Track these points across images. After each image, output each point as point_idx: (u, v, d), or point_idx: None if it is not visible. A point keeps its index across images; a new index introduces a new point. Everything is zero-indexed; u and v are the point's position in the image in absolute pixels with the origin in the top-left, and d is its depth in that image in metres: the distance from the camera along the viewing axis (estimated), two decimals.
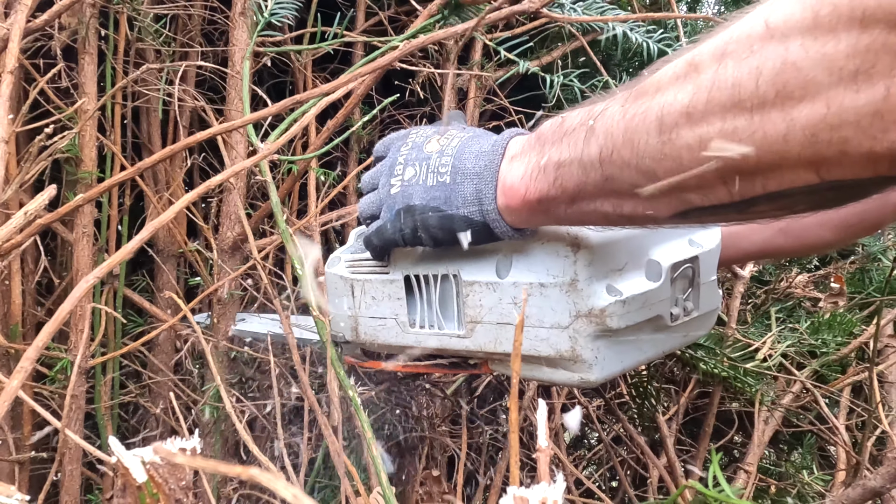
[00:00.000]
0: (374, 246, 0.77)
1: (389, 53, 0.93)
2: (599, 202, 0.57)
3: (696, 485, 0.61)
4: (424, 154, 0.70)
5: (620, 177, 0.54)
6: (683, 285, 0.72)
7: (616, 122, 0.53)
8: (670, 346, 0.75)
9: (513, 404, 0.54)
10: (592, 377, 0.68)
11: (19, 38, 0.92)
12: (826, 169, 0.44)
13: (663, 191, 0.51)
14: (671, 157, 0.49)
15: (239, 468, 0.32)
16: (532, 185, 0.62)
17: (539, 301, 0.68)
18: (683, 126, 0.48)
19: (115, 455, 0.54)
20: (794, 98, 0.42)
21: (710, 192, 0.49)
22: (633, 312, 0.67)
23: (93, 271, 0.54)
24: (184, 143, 0.86)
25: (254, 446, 0.79)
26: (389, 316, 0.82)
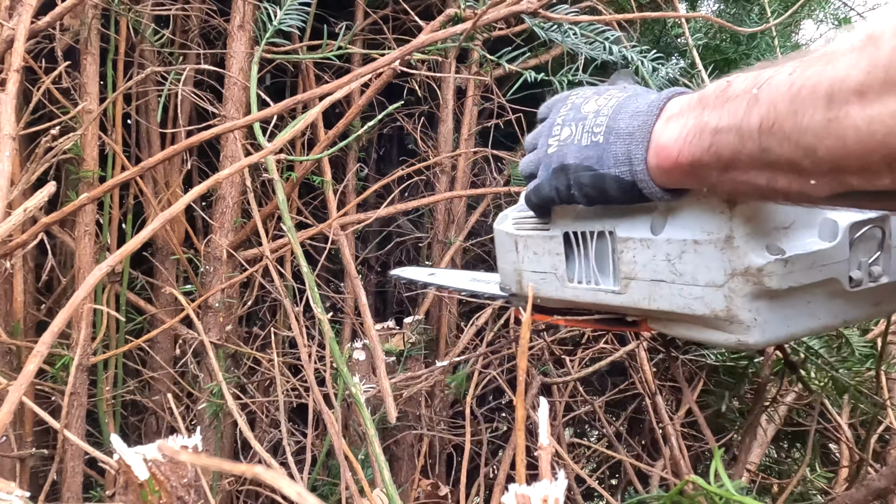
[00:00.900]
0: (532, 203, 0.80)
1: (387, 71, 0.94)
2: (753, 174, 0.55)
3: (698, 479, 0.61)
4: (581, 114, 0.71)
5: (778, 150, 0.52)
6: (870, 247, 0.67)
7: (781, 92, 0.50)
8: (855, 316, 0.70)
9: (519, 402, 0.54)
10: (751, 340, 0.65)
11: (24, 37, 0.92)
12: None
13: (823, 170, 0.49)
14: (835, 136, 0.47)
15: (243, 466, 0.32)
16: (685, 149, 0.60)
17: (693, 258, 0.66)
18: (854, 103, 0.45)
19: (117, 453, 0.54)
20: None
21: (874, 177, 0.47)
22: (799, 273, 0.63)
23: (105, 260, 0.54)
24: (187, 143, 0.86)
25: (256, 443, 0.79)
26: (549, 270, 0.84)
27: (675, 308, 0.70)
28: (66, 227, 1.39)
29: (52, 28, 1.15)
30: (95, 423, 1.36)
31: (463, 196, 1.58)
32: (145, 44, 1.43)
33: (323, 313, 0.89)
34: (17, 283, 1.24)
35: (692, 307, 0.68)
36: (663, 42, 1.68)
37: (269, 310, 1.62)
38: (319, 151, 1.24)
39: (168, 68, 1.40)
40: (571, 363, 1.38)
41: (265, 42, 1.22)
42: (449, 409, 1.45)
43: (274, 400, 1.24)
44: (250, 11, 1.39)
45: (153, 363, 1.48)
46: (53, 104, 1.31)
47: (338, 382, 1.10)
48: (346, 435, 1.29)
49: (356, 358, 1.34)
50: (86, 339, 1.23)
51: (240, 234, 1.37)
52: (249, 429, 0.98)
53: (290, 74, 1.68)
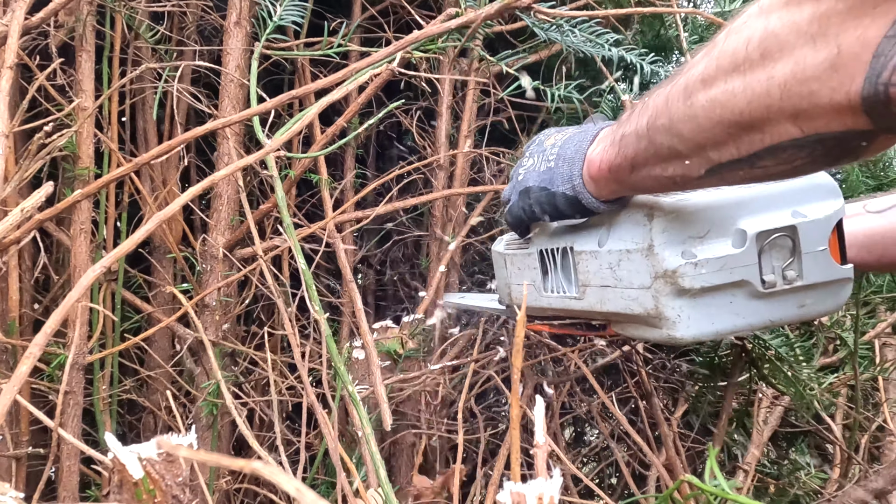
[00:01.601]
0: (508, 222, 0.95)
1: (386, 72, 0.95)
2: (650, 167, 0.67)
3: (693, 479, 0.61)
4: (542, 147, 0.86)
5: (661, 141, 0.64)
6: (782, 254, 0.75)
7: (660, 95, 0.63)
8: (780, 317, 0.77)
9: (514, 400, 0.54)
10: (678, 334, 0.74)
11: (18, 33, 0.92)
12: (804, 121, 0.52)
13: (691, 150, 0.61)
14: (691, 118, 0.59)
15: (242, 462, 0.32)
16: (605, 158, 0.74)
17: (627, 265, 0.77)
18: (700, 90, 0.57)
19: (112, 451, 0.54)
20: (773, 58, 0.51)
21: (723, 148, 0.58)
22: (710, 274, 0.73)
23: (99, 261, 0.54)
24: (182, 139, 0.86)
25: (254, 441, 0.79)
26: (529, 282, 0.99)
27: (619, 309, 0.80)
28: (62, 225, 1.38)
29: (46, 24, 1.15)
30: (92, 423, 1.36)
31: (461, 194, 1.57)
32: (140, 40, 1.42)
33: (321, 312, 0.88)
34: (13, 281, 1.24)
35: (631, 308, 0.78)
36: (662, 38, 1.68)
37: (267, 308, 1.62)
38: (318, 149, 1.24)
39: (164, 64, 1.40)
40: (569, 363, 1.38)
41: (265, 38, 1.22)
42: (448, 409, 1.45)
43: (270, 399, 1.24)
44: (247, 8, 1.38)
45: (150, 362, 1.48)
46: (48, 101, 1.30)
47: (335, 382, 1.10)
48: (344, 434, 1.29)
49: (356, 357, 1.34)
50: (81, 338, 1.22)
51: (236, 233, 1.36)
52: (248, 427, 0.98)
53: (287, 71, 1.67)
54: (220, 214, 1.38)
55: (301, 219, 1.57)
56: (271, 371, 1.14)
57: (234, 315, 1.43)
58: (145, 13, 1.41)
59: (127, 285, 1.45)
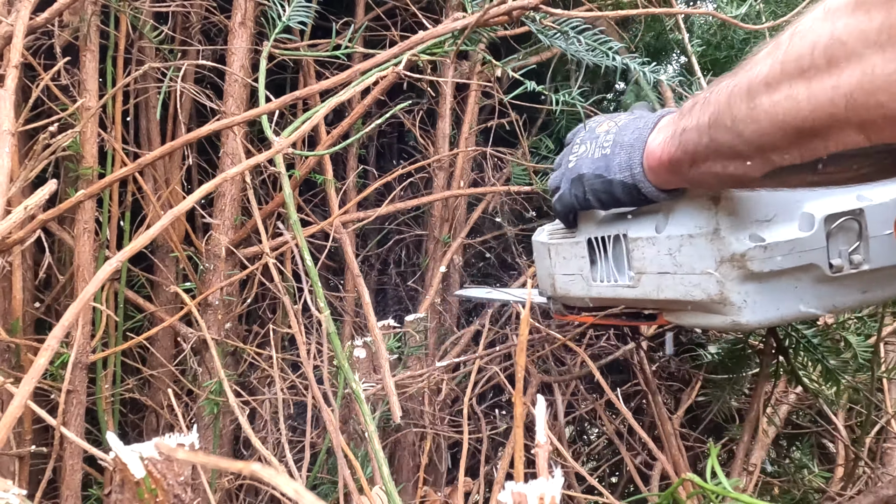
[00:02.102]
0: (557, 211, 0.94)
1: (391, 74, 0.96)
2: (710, 163, 0.67)
3: (694, 477, 0.61)
4: (595, 134, 0.85)
5: (722, 139, 0.63)
6: (849, 238, 0.75)
7: (723, 93, 0.62)
8: (843, 302, 0.77)
9: (517, 399, 0.54)
10: (743, 320, 0.74)
11: (23, 33, 0.92)
12: (872, 131, 0.50)
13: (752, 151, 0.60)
14: (754, 120, 0.58)
15: (241, 464, 0.32)
16: (666, 150, 0.73)
17: (689, 250, 0.77)
18: (763, 93, 0.57)
19: (114, 451, 0.54)
20: (839, 66, 0.50)
21: (786, 152, 0.58)
22: (779, 258, 0.73)
23: (115, 256, 0.54)
24: (186, 139, 0.86)
25: (256, 441, 0.79)
26: (576, 272, 0.98)
27: (678, 296, 0.79)
28: (66, 224, 1.39)
29: (51, 24, 1.15)
30: (95, 422, 1.36)
31: (461, 195, 1.58)
32: (144, 40, 1.43)
33: (326, 309, 0.89)
34: (16, 280, 1.24)
35: (692, 294, 0.77)
36: (662, 40, 1.67)
37: (269, 307, 1.62)
38: (323, 149, 1.24)
39: (167, 64, 1.40)
40: (573, 361, 1.38)
41: (273, 38, 1.22)
42: (450, 407, 1.45)
43: (273, 398, 1.24)
44: (252, 8, 1.39)
45: (153, 361, 1.48)
46: (52, 101, 1.31)
47: (338, 380, 1.10)
48: (346, 433, 1.29)
49: (357, 356, 1.34)
50: (84, 336, 1.22)
51: (240, 232, 1.37)
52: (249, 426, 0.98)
53: (290, 71, 1.67)
54: (225, 213, 1.38)
55: (310, 214, 1.57)
56: (276, 369, 1.14)
57: (237, 314, 1.44)
58: (149, 13, 1.41)
59: (130, 284, 1.46)
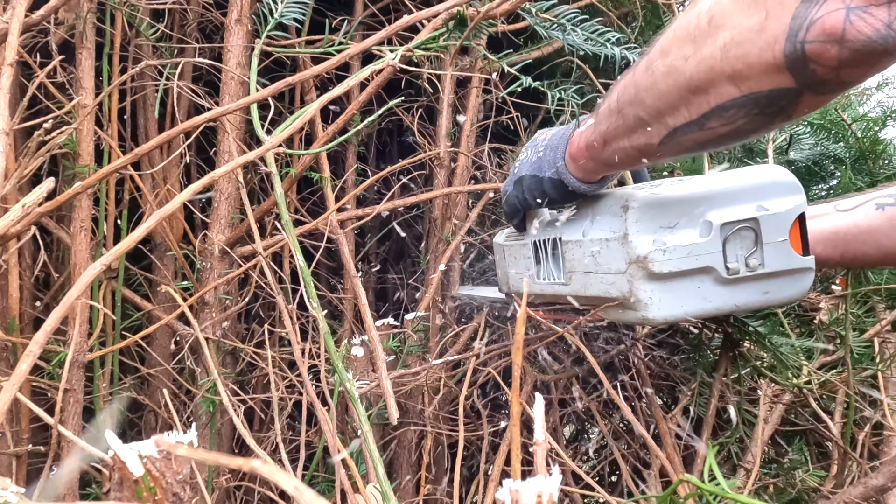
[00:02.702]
0: (505, 212, 1.04)
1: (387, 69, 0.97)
2: (621, 140, 0.74)
3: (693, 478, 0.61)
4: (535, 142, 0.95)
5: (627, 112, 0.71)
6: (746, 244, 0.83)
7: (628, 72, 0.71)
8: (745, 302, 0.84)
9: (514, 396, 0.54)
10: (650, 315, 0.82)
11: (19, 31, 0.92)
12: (740, 81, 0.59)
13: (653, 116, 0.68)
14: (652, 86, 0.66)
15: (241, 460, 0.32)
16: (582, 136, 0.82)
17: (606, 252, 0.85)
18: (658, 59, 0.65)
19: (112, 449, 0.54)
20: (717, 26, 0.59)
21: (677, 112, 0.65)
22: (677, 260, 0.81)
23: (99, 259, 0.54)
24: (181, 128, 0.86)
25: (250, 439, 0.79)
26: (524, 271, 1.08)
27: (600, 293, 0.88)
28: (62, 223, 1.39)
29: (46, 22, 1.15)
30: (93, 420, 1.36)
31: (461, 192, 1.57)
32: (141, 38, 1.42)
33: (318, 309, 0.88)
34: (13, 279, 1.24)
35: (609, 291, 0.86)
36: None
37: (267, 306, 1.62)
38: (319, 147, 1.24)
39: (164, 62, 1.40)
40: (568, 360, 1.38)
41: (265, 35, 1.22)
42: (448, 405, 1.45)
43: (269, 397, 1.24)
44: (248, 5, 1.38)
45: (151, 360, 1.48)
46: (48, 99, 1.30)
47: (334, 379, 1.10)
48: (343, 431, 1.29)
49: (354, 354, 1.34)
50: (81, 335, 1.22)
51: (236, 231, 1.37)
52: (246, 425, 0.98)
53: (288, 68, 1.67)
54: (220, 212, 1.38)
55: (304, 215, 1.57)
56: (271, 368, 1.14)
57: (234, 313, 1.43)
58: (146, 10, 1.41)
59: (127, 283, 1.45)
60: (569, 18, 1.17)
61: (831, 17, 0.52)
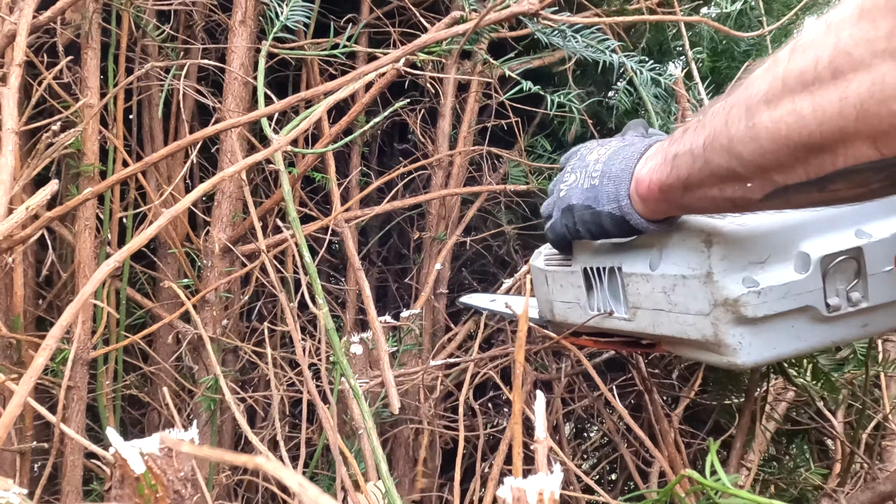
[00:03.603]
0: (550, 240, 0.93)
1: (391, 71, 0.97)
2: (706, 188, 0.65)
3: (693, 474, 0.61)
4: (585, 163, 0.83)
5: (719, 161, 0.61)
6: (847, 276, 0.73)
7: (718, 114, 0.60)
8: (842, 337, 0.75)
9: (516, 395, 0.54)
10: (739, 360, 0.72)
11: (26, 32, 0.93)
12: (882, 143, 0.49)
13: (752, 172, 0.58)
14: (754, 139, 0.56)
15: (245, 457, 0.32)
16: (655, 177, 0.71)
17: (684, 290, 0.75)
18: (763, 111, 0.55)
19: (113, 446, 0.54)
20: (846, 78, 0.48)
21: (790, 171, 0.56)
22: (773, 302, 0.71)
23: (113, 255, 0.55)
24: (190, 139, 0.87)
25: (253, 436, 0.80)
26: (573, 300, 0.97)
27: (674, 333, 0.78)
28: (66, 221, 1.39)
29: (53, 23, 1.16)
30: (96, 418, 1.36)
31: (457, 194, 1.58)
32: (147, 38, 1.43)
33: (324, 305, 0.89)
34: (18, 277, 1.25)
35: (688, 333, 0.76)
36: (664, 48, 1.68)
37: (269, 305, 1.62)
38: (323, 146, 1.24)
39: (170, 62, 1.41)
40: (568, 362, 1.38)
41: (271, 37, 1.23)
42: (444, 403, 1.45)
43: (270, 395, 1.25)
44: (252, 6, 1.39)
45: (154, 358, 1.48)
46: (55, 99, 1.31)
47: (334, 376, 1.10)
48: (342, 429, 1.29)
49: (353, 352, 1.35)
50: (85, 333, 1.23)
51: (238, 229, 1.37)
52: (247, 423, 0.99)
53: (293, 68, 1.68)
54: (222, 210, 1.39)
55: (312, 208, 1.58)
56: (271, 367, 1.15)
57: (236, 311, 1.44)
58: (152, 11, 1.41)
59: (131, 281, 1.46)
60: (569, 25, 1.18)
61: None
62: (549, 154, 1.65)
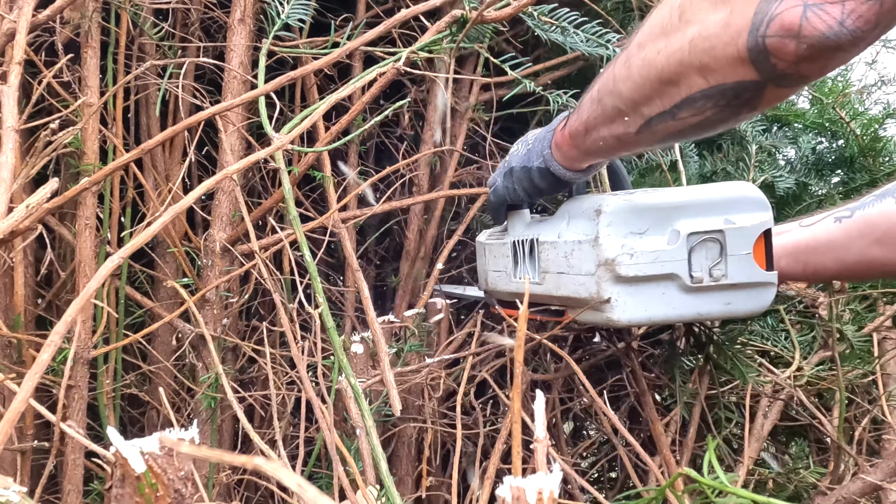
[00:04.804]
0: (491, 202, 1.09)
1: (390, 72, 0.99)
2: (601, 128, 0.78)
3: (691, 472, 0.62)
4: (526, 138, 1.00)
5: (607, 102, 0.75)
6: (711, 254, 0.86)
7: (609, 65, 0.76)
8: (708, 311, 0.88)
9: (515, 395, 0.54)
10: (615, 316, 0.85)
11: (26, 30, 0.93)
12: (708, 73, 0.62)
13: (630, 107, 0.72)
14: (629, 77, 0.70)
15: (244, 458, 0.33)
16: (567, 126, 0.86)
17: (578, 254, 0.89)
18: (635, 54, 0.69)
19: (114, 445, 0.54)
20: (687, 21, 0.62)
21: (652, 102, 0.69)
22: (644, 265, 0.84)
23: (117, 252, 0.55)
24: (184, 124, 0.88)
25: (255, 435, 0.80)
26: (503, 269, 1.13)
27: (570, 293, 0.91)
28: (65, 220, 1.39)
29: (52, 21, 1.16)
30: (96, 417, 1.37)
31: (456, 195, 1.59)
32: (145, 37, 1.43)
33: (325, 303, 0.89)
34: (18, 276, 1.25)
35: (579, 292, 0.89)
36: None
37: (268, 303, 1.62)
38: (322, 146, 1.24)
39: (168, 61, 1.40)
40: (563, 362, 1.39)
41: (272, 36, 1.23)
42: (444, 402, 1.45)
43: (269, 394, 1.25)
44: (251, 4, 1.39)
45: (154, 357, 1.48)
46: (54, 97, 1.31)
47: (333, 375, 1.10)
48: (343, 428, 1.30)
49: (354, 351, 1.35)
50: (85, 332, 1.23)
51: (238, 228, 1.37)
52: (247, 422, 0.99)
53: (290, 67, 1.68)
54: (221, 209, 1.39)
55: (309, 208, 1.58)
56: (269, 365, 1.15)
57: (236, 310, 1.44)
58: (150, 10, 1.41)
59: (130, 280, 1.46)
60: (569, 21, 1.18)
61: (790, 13, 0.56)
62: None
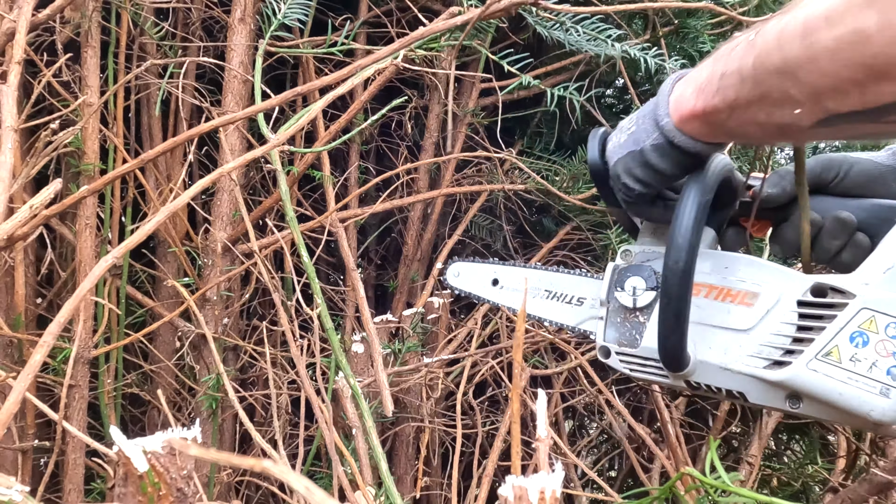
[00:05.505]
0: (625, 227, 0.87)
1: (390, 67, 0.97)
2: (753, 110, 0.60)
3: (694, 472, 0.61)
4: (619, 127, 0.77)
5: (770, 83, 0.57)
6: None
7: (771, 33, 0.56)
8: None
9: (514, 393, 0.54)
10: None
11: (26, 30, 0.93)
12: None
13: (805, 96, 0.54)
14: (812, 60, 0.52)
15: (252, 460, 0.32)
16: (700, 97, 0.65)
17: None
18: (823, 29, 0.50)
19: (117, 444, 0.54)
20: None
21: (845, 97, 0.51)
22: None
23: (111, 252, 0.55)
24: (187, 135, 0.87)
25: (257, 435, 0.80)
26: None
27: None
28: (67, 220, 1.39)
29: (52, 21, 1.15)
30: (97, 416, 1.37)
31: (456, 192, 1.59)
32: (146, 37, 1.43)
33: (323, 304, 0.89)
34: (19, 276, 1.24)
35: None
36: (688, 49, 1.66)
37: (268, 303, 1.62)
38: (321, 145, 1.24)
39: (168, 60, 1.40)
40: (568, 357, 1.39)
41: (269, 35, 1.22)
42: (444, 402, 1.45)
43: (268, 393, 1.25)
44: (251, 4, 1.39)
45: (154, 356, 1.48)
46: (54, 97, 1.31)
47: (331, 375, 1.11)
48: (342, 428, 1.30)
49: (355, 350, 1.35)
50: (86, 331, 1.23)
51: (238, 228, 1.37)
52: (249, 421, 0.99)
53: (290, 67, 1.68)
54: (221, 209, 1.39)
55: (308, 208, 1.58)
56: (269, 365, 1.15)
57: (236, 309, 1.44)
58: (150, 10, 1.41)
59: (131, 280, 1.46)
60: (569, 16, 1.17)
61: None
62: (547, 155, 1.66)
